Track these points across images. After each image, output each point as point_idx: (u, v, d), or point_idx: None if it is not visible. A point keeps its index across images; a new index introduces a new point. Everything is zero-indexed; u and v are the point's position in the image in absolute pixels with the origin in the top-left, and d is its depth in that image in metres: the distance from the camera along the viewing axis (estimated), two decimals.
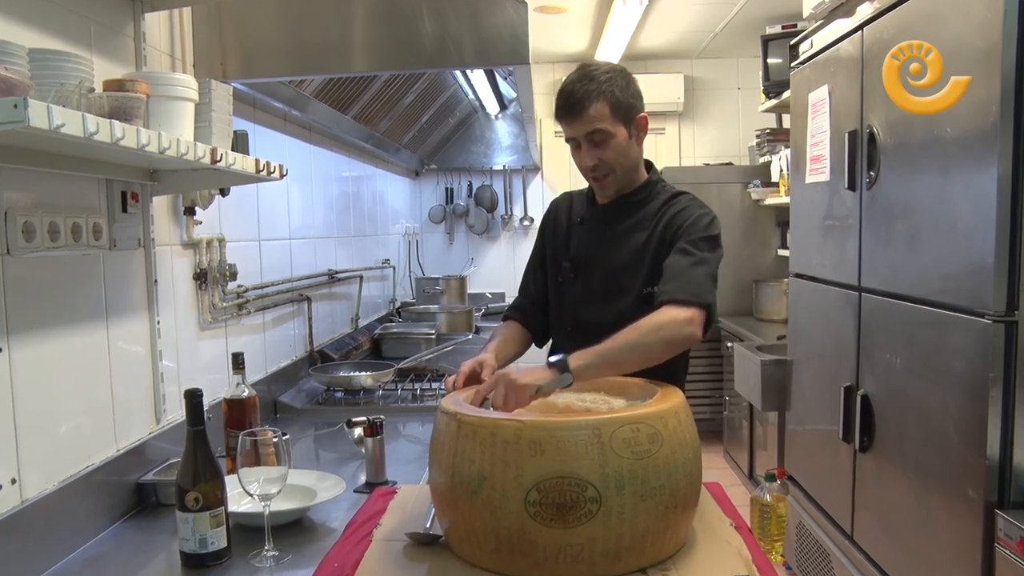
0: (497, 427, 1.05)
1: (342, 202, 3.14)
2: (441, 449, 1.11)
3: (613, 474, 1.02)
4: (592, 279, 1.61)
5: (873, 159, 1.96)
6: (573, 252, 1.66)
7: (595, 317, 1.57)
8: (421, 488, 1.47)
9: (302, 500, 1.44)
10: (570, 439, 1.02)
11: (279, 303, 2.35)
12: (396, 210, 4.28)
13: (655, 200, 1.59)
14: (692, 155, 5.10)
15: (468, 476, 1.06)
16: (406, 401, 2.38)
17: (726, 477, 3.87)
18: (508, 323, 1.71)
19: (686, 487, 1.09)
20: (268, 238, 2.31)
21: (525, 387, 1.25)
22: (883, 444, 1.96)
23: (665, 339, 1.33)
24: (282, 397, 2.29)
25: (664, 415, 1.09)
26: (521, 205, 4.96)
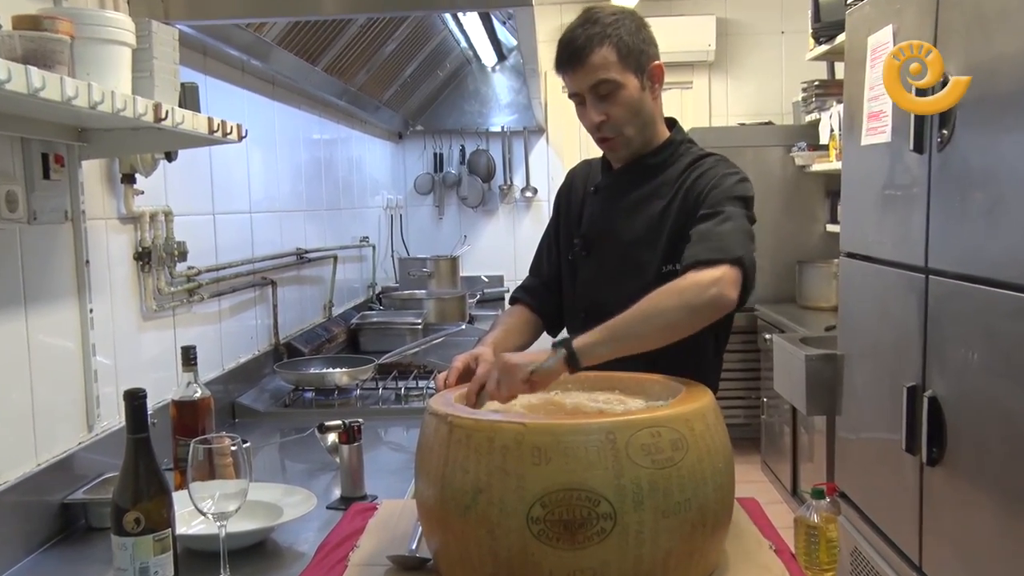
0: (495, 431, 1.05)
1: (312, 169, 3.13)
2: (429, 457, 1.11)
3: (630, 486, 1.02)
4: (606, 256, 1.62)
5: (947, 114, 1.94)
6: (585, 225, 1.67)
7: (609, 300, 1.57)
8: (406, 504, 1.47)
9: (265, 519, 1.45)
10: (580, 445, 1.02)
11: (238, 288, 2.34)
12: (376, 179, 4.27)
13: (677, 163, 1.59)
14: (724, 113, 5.08)
15: (461, 489, 1.06)
16: (388, 402, 2.39)
17: (764, 492, 3.89)
18: (514, 308, 1.72)
19: (716, 502, 1.09)
20: (224, 211, 2.31)
21: (516, 367, 1.25)
22: (956, 456, 1.95)
23: (687, 304, 1.29)
24: (242, 398, 2.29)
25: (690, 417, 1.09)
26: (522, 173, 4.95)
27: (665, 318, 1.29)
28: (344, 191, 3.59)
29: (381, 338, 3.15)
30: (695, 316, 1.31)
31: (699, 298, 1.30)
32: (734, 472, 1.15)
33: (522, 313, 1.70)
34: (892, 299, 2.28)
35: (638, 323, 1.28)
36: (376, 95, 3.59)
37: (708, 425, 1.11)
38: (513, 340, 1.62)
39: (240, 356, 2.37)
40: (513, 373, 1.25)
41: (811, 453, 3.47)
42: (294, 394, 2.42)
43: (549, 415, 1.25)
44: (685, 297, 1.30)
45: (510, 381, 1.26)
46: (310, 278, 3.05)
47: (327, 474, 1.78)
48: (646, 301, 1.29)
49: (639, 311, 1.28)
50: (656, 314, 1.29)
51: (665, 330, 1.30)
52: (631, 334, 1.28)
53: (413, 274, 4.12)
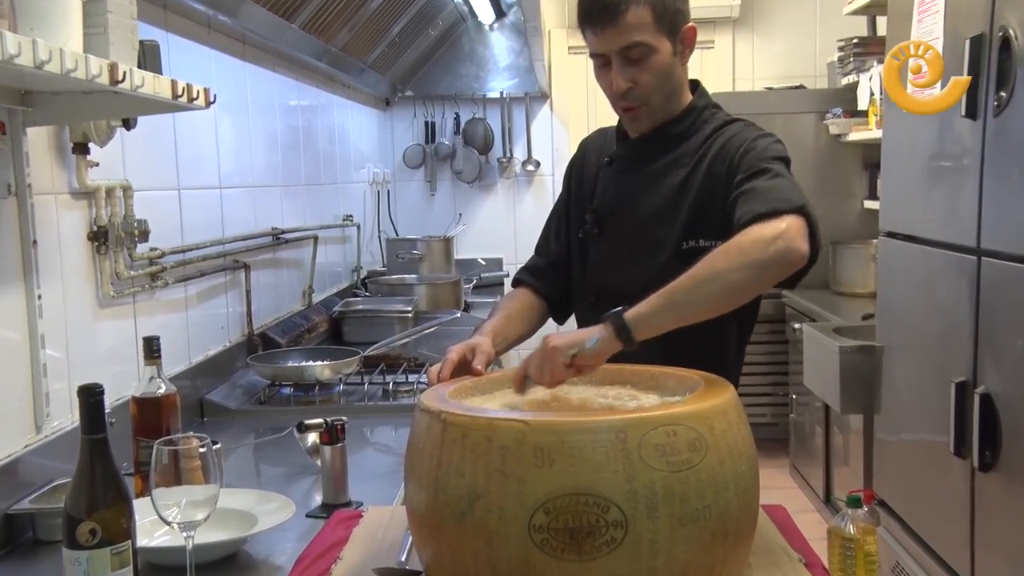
0: (493, 429, 1.05)
1: (289, 140, 3.13)
2: (421, 459, 1.12)
3: (643, 491, 1.02)
4: (619, 234, 1.63)
5: (1005, 74, 1.92)
6: (597, 200, 1.67)
7: (622, 282, 1.59)
8: (394, 511, 1.48)
9: (238, 529, 1.45)
10: (587, 445, 1.02)
11: (207, 272, 2.34)
12: (360, 151, 4.26)
13: (700, 131, 1.60)
14: (750, 76, 5.07)
15: (456, 494, 1.06)
16: (375, 399, 2.39)
17: (794, 500, 3.91)
18: (517, 292, 1.73)
19: (739, 509, 1.09)
20: (191, 186, 2.30)
21: (556, 350, 1.25)
22: (1012, 460, 1.95)
23: (751, 262, 1.27)
24: (211, 395, 2.30)
25: (709, 415, 1.09)
26: (524, 145, 4.94)
27: (727, 279, 1.28)
28: (325, 164, 3.59)
29: (367, 328, 3.15)
30: (762, 274, 1.29)
31: (764, 253, 1.28)
32: (759, 476, 1.15)
33: (525, 297, 1.70)
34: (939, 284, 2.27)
35: (697, 287, 1.27)
36: (360, 56, 3.58)
37: (730, 423, 1.11)
38: (515, 328, 1.62)
39: (209, 348, 2.38)
40: (554, 356, 1.25)
41: (846, 456, 3.48)
42: (270, 390, 2.42)
43: (553, 412, 1.25)
44: (748, 254, 1.28)
45: (552, 365, 1.26)
46: (287, 261, 3.05)
47: (307, 478, 1.78)
48: (704, 263, 1.29)
49: (696, 274, 1.28)
50: (717, 276, 1.28)
51: (729, 293, 1.29)
52: (690, 300, 1.28)
53: (402, 257, 4.12)
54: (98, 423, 1.22)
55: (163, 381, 1.58)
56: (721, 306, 1.30)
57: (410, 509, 1.16)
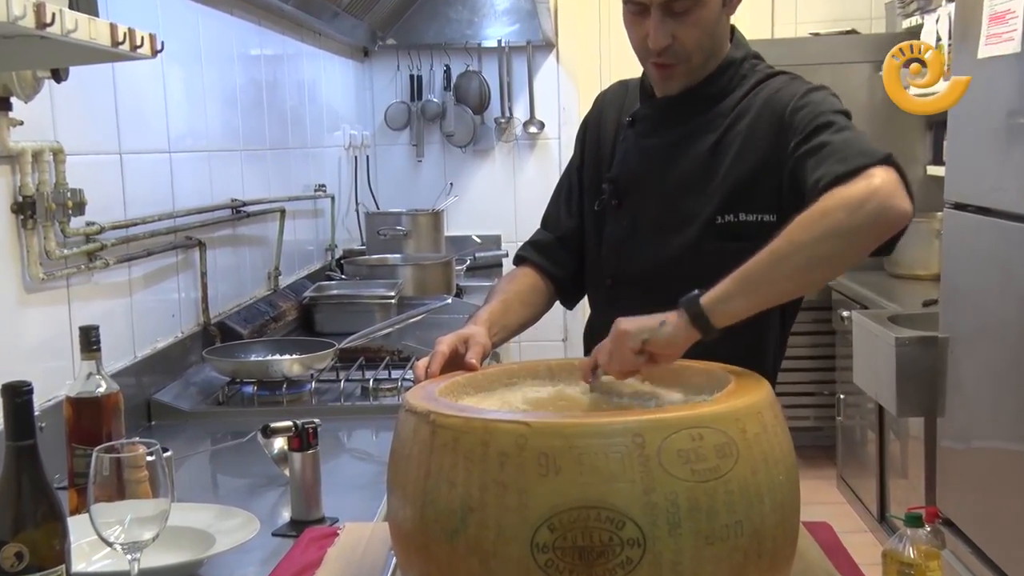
0: (490, 433, 1.06)
1: (251, 96, 3.13)
2: (406, 467, 1.13)
3: (664, 504, 1.03)
4: (642, 206, 1.63)
5: None
6: (616, 167, 1.68)
7: (644, 262, 1.59)
8: (375, 528, 1.49)
9: (192, 550, 1.46)
10: (599, 450, 1.03)
11: (154, 251, 2.35)
12: (335, 110, 4.26)
13: (738, 88, 1.60)
14: (791, 20, 5.05)
15: (447, 507, 1.07)
16: (353, 398, 2.40)
17: (842, 517, 3.93)
18: (519, 272, 1.74)
19: (776, 527, 1.09)
20: (135, 150, 2.31)
21: (625, 335, 1.27)
22: None
23: (841, 229, 1.27)
24: (160, 394, 2.31)
25: (741, 416, 1.10)
26: (525, 102, 4.94)
27: (815, 252, 1.28)
28: (293, 125, 3.58)
29: (343, 316, 3.16)
30: (856, 241, 1.29)
31: (856, 217, 1.28)
32: (799, 489, 1.16)
33: (528, 278, 1.71)
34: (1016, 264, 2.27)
35: (778, 264, 1.28)
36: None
37: (765, 426, 1.11)
38: (515, 314, 1.62)
39: (158, 340, 2.38)
40: (623, 341, 1.27)
41: (904, 467, 3.50)
42: (229, 388, 2.43)
43: (559, 412, 1.26)
44: (837, 220, 1.28)
45: (621, 352, 1.28)
46: (249, 238, 3.05)
47: (273, 491, 1.79)
48: (782, 237, 1.29)
49: (776, 250, 1.29)
50: (801, 248, 1.28)
51: (818, 267, 1.30)
52: (772, 279, 1.29)
53: (384, 234, 4.12)
54: (25, 427, 1.22)
55: (103, 378, 1.58)
56: (808, 283, 1.32)
57: (393, 526, 1.17)
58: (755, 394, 1.15)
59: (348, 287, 3.43)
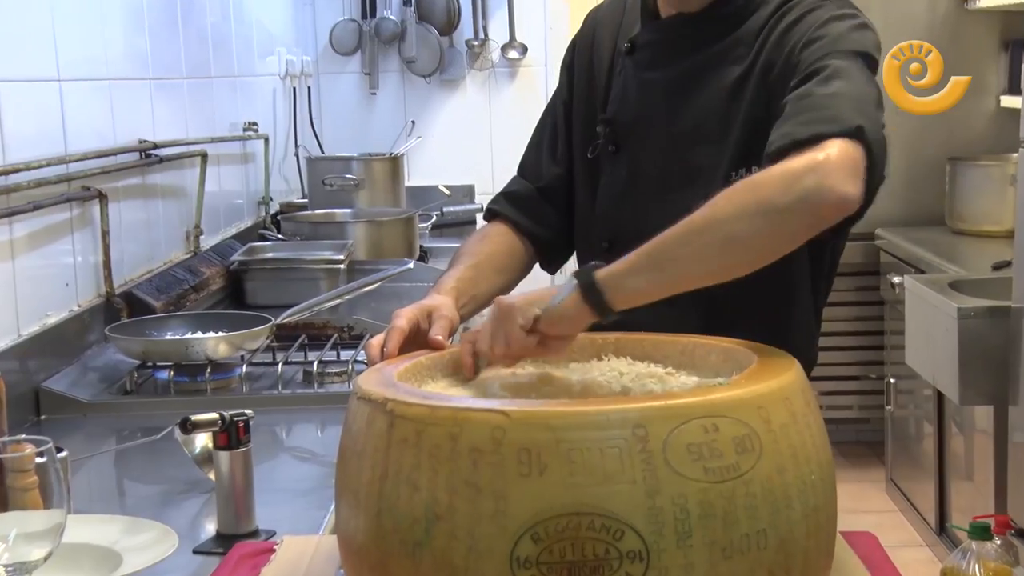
0: (460, 424, 1.07)
1: (162, 13, 3.11)
2: (359, 469, 1.13)
3: (671, 509, 1.04)
4: (644, 155, 1.64)
5: None
6: (614, 105, 1.68)
7: (646, 221, 1.58)
8: (321, 542, 1.50)
9: (95, 572, 1.46)
10: (593, 445, 1.04)
11: (42, 204, 2.34)
12: (268, 30, 4.23)
13: (762, 7, 1.59)
14: None
15: (408, 516, 1.08)
16: (293, 385, 2.41)
17: (892, 527, 3.97)
18: (490, 229, 1.74)
19: (807, 537, 1.10)
20: (13, 78, 2.29)
21: (512, 310, 1.29)
22: None
23: (764, 206, 1.27)
24: (52, 382, 2.30)
25: (765, 402, 1.10)
26: (504, 21, 4.92)
27: (728, 231, 1.28)
28: (216, 49, 3.56)
29: (280, 285, 3.15)
30: (778, 224, 1.29)
31: (786, 195, 1.27)
32: (836, 492, 1.17)
33: (502, 237, 1.71)
34: None
35: (688, 241, 1.29)
36: None
37: (794, 415, 1.12)
38: (487, 281, 1.63)
39: (48, 315, 2.38)
40: (509, 318, 1.28)
41: (968, 467, 3.53)
42: (139, 374, 2.43)
43: (545, 399, 1.27)
44: (763, 195, 1.28)
45: (507, 330, 1.28)
46: (163, 189, 3.04)
47: (194, 499, 1.80)
48: (705, 208, 1.30)
49: (692, 223, 1.29)
50: (714, 225, 1.29)
51: (730, 250, 1.29)
52: (678, 257, 1.29)
53: (330, 184, 4.10)
54: None
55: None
56: (720, 268, 1.31)
57: (343, 539, 1.18)
58: (782, 376, 1.15)
59: (286, 249, 3.42)
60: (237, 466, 1.63)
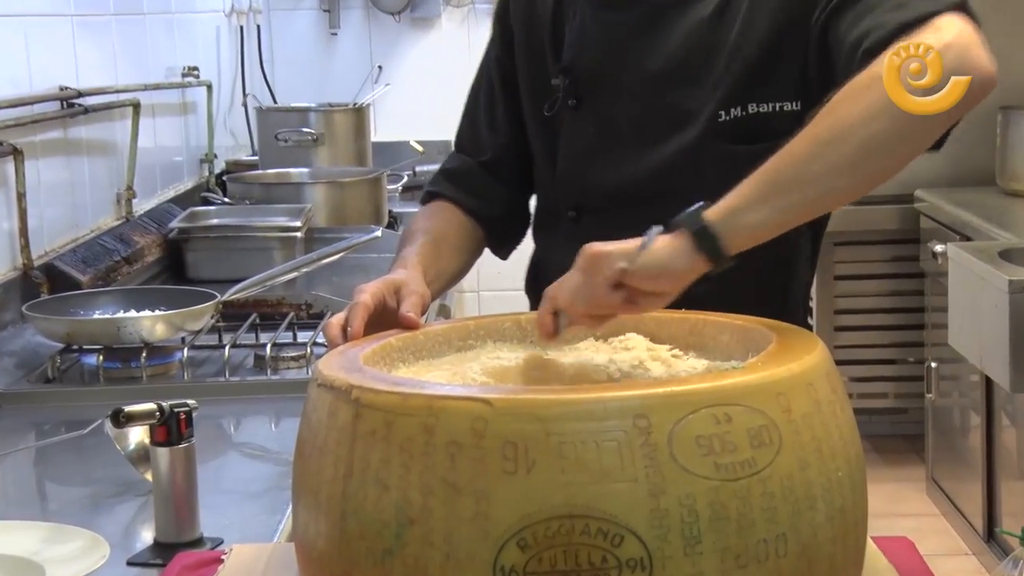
0: (436, 415, 1.07)
1: None
2: (320, 466, 1.14)
3: (678, 511, 1.04)
4: (614, 106, 1.65)
5: None
6: (571, 53, 1.68)
7: (620, 182, 1.63)
8: (276, 550, 1.50)
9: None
10: (588, 438, 1.04)
11: None
12: None
13: None
14: None
15: (376, 520, 1.08)
16: (242, 371, 2.43)
17: (933, 534, 3.99)
18: (436, 207, 1.76)
19: (833, 542, 1.11)
20: None
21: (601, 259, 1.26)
22: None
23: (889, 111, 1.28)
24: None
25: (785, 389, 1.11)
26: None
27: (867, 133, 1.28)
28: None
29: (226, 256, 3.15)
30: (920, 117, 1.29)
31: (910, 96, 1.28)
32: (866, 491, 1.18)
33: (451, 215, 1.73)
34: None
35: (821, 154, 1.28)
36: None
37: (818, 404, 1.13)
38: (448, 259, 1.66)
39: None
40: (597, 269, 1.26)
41: (1021, 464, 3.55)
42: (63, 358, 2.43)
43: (533, 386, 1.28)
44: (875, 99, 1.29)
45: (592, 288, 1.27)
46: (90, 145, 3.04)
47: (128, 503, 1.80)
48: (819, 118, 1.30)
49: (815, 135, 1.29)
50: (848, 132, 1.28)
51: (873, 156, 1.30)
52: (811, 174, 1.29)
53: (285, 139, 4.10)
54: None
55: None
56: (864, 180, 1.32)
57: (302, 547, 1.18)
58: (805, 358, 1.16)
59: (234, 215, 3.43)
60: (178, 464, 1.63)
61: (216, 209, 3.55)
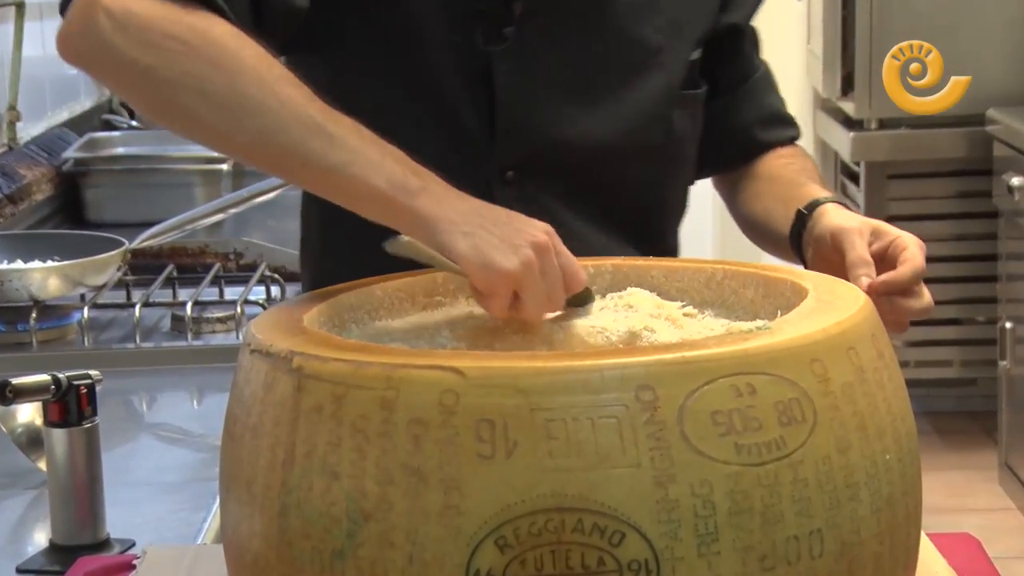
0: (396, 386, 1.07)
1: None
2: (254, 450, 1.14)
3: (690, 503, 1.04)
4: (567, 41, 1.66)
5: None
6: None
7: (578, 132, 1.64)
8: (200, 554, 1.51)
9: None
10: (581, 414, 1.04)
11: None
12: None
13: None
14: None
15: (324, 515, 1.08)
16: (156, 335, 2.45)
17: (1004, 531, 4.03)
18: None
19: (879, 540, 1.12)
20: None
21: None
22: None
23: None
24: None
25: (821, 353, 1.11)
26: None
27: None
28: None
29: (136, 194, 3.15)
30: None
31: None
32: (920, 478, 1.19)
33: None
34: None
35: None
36: None
37: (862, 372, 1.14)
38: None
39: None
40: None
41: None
42: None
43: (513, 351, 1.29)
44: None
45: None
46: None
47: (17, 497, 1.82)
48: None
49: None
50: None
51: None
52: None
53: None
54: None
55: None
56: None
57: (231, 549, 1.19)
58: (846, 316, 1.16)
59: (144, 142, 3.42)
60: (78, 450, 1.64)
61: (121, 135, 3.54)
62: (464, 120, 1.69)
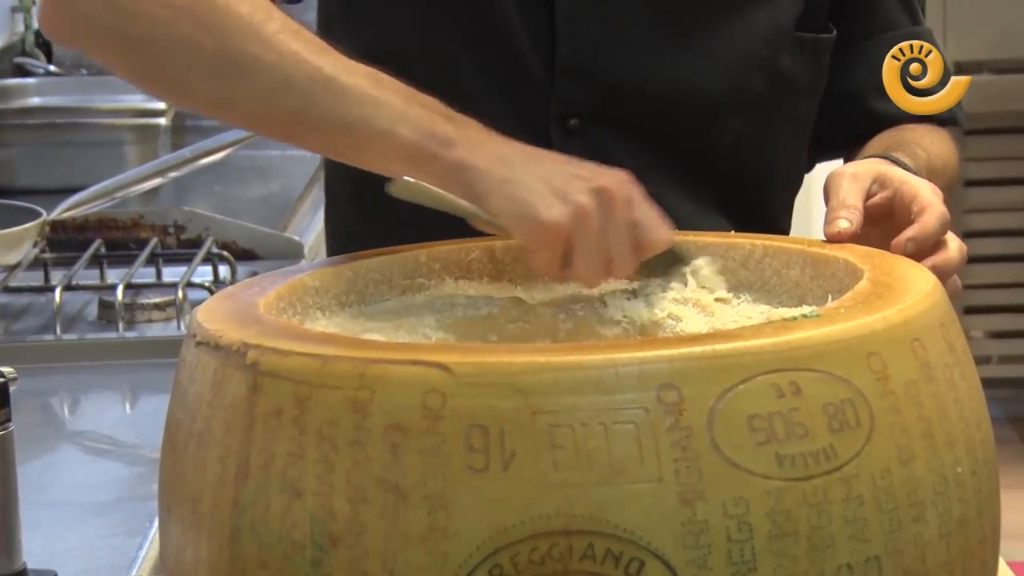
0: (371, 386, 1.07)
1: None
2: (201, 462, 1.15)
3: (721, 525, 1.05)
4: None
5: None
6: None
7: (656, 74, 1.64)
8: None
9: None
10: (591, 419, 1.05)
11: None
12: None
13: None
14: None
15: (284, 537, 1.09)
16: (81, 325, 2.46)
17: None
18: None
19: (949, 569, 1.13)
20: None
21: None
22: None
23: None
24: None
25: (879, 346, 1.12)
26: None
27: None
28: None
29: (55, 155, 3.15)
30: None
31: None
32: (999, 497, 1.20)
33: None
34: None
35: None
36: None
37: (929, 368, 1.14)
38: None
39: None
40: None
41: None
42: None
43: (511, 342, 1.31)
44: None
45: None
46: None
47: None
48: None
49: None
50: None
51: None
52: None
53: None
54: None
55: None
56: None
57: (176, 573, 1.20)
58: (911, 302, 1.17)
59: (65, 91, 3.43)
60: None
61: (37, 83, 3.55)
62: (519, 54, 1.69)
